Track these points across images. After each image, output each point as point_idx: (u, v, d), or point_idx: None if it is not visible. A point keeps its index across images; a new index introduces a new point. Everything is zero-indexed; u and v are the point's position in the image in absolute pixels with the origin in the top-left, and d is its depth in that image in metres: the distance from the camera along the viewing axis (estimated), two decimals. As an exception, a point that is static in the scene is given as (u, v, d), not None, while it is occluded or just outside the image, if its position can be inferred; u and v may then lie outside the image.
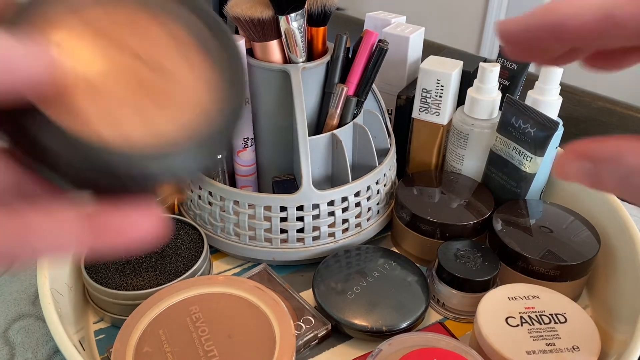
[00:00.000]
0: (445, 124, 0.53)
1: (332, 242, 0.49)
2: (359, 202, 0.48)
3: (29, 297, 0.48)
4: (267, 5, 0.43)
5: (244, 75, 0.20)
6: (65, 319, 0.40)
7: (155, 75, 0.18)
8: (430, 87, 0.52)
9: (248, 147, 0.49)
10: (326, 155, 0.48)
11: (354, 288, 0.44)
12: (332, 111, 0.47)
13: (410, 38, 0.54)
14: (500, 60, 0.54)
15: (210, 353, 0.36)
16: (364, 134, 0.49)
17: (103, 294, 0.42)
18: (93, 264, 0.44)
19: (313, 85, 0.47)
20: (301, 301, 0.44)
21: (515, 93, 0.54)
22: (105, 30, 0.18)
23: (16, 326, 0.45)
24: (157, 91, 0.18)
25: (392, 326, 0.41)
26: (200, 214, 0.50)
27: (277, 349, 0.36)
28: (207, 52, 0.20)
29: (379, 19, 0.58)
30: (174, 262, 0.45)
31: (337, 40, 0.46)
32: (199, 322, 0.38)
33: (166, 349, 0.36)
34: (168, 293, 0.40)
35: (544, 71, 0.49)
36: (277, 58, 0.45)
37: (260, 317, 0.38)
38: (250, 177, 0.51)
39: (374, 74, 0.47)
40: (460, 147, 0.53)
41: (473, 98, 0.51)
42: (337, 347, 0.43)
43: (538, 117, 0.47)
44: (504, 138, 0.49)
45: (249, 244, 0.48)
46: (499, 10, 1.76)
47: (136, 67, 0.18)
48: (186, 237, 0.47)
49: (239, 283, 0.41)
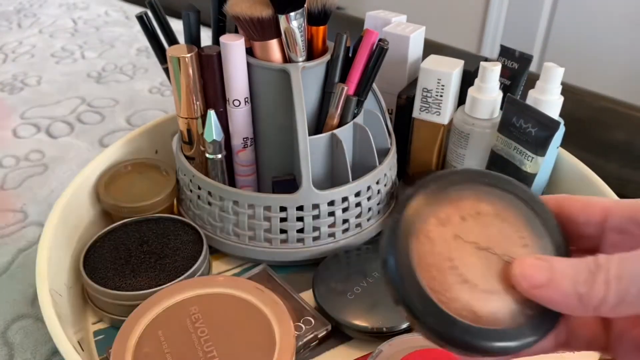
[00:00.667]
0: (445, 124, 0.53)
1: (332, 242, 0.49)
2: (359, 202, 0.48)
3: (28, 298, 0.48)
4: (267, 4, 0.43)
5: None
6: (64, 319, 0.39)
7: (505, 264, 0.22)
8: (430, 87, 0.51)
9: (248, 147, 0.49)
10: (326, 155, 0.48)
11: (354, 288, 0.44)
12: (332, 111, 0.47)
13: (410, 37, 0.54)
14: (501, 60, 0.53)
15: (210, 354, 0.36)
16: (364, 133, 0.49)
17: (102, 295, 0.42)
18: (92, 265, 0.44)
19: (313, 84, 0.47)
20: (301, 302, 0.44)
21: (516, 92, 0.53)
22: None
23: (15, 327, 0.45)
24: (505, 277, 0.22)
25: (393, 327, 0.41)
26: (199, 214, 0.50)
27: (277, 350, 0.36)
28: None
29: (379, 18, 0.57)
30: (173, 262, 0.45)
31: (337, 39, 0.46)
32: (199, 322, 0.38)
33: (165, 350, 0.36)
34: (167, 293, 0.39)
35: (545, 70, 0.48)
36: (277, 57, 0.45)
37: (260, 318, 0.38)
38: (250, 177, 0.51)
39: (374, 74, 0.47)
40: (460, 147, 0.53)
41: (474, 97, 0.50)
42: (337, 347, 0.43)
43: (539, 117, 0.46)
44: (505, 138, 0.49)
45: (248, 244, 0.48)
46: (499, 10, 1.75)
47: (492, 257, 0.22)
48: (185, 237, 0.47)
49: (238, 283, 0.40)
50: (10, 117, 0.77)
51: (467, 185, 0.23)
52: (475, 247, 0.22)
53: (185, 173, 0.50)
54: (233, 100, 0.47)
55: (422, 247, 0.22)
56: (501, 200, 0.23)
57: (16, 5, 1.20)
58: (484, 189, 0.24)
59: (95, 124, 0.76)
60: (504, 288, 0.22)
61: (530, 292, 0.21)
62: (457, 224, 0.22)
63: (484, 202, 0.23)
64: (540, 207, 0.24)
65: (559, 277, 0.21)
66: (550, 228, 0.23)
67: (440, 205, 0.23)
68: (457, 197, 0.23)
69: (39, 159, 0.67)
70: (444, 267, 0.21)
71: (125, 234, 0.47)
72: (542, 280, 0.21)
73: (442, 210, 0.23)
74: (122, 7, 1.22)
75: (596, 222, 0.23)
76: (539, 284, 0.21)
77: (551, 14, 1.67)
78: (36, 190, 0.62)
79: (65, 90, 0.84)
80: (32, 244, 0.54)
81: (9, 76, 0.88)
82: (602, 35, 1.57)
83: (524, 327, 0.21)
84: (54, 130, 0.74)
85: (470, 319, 0.21)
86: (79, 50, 0.99)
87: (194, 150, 0.50)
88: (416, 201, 0.23)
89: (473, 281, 0.21)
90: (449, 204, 0.23)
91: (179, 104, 0.48)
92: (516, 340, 0.21)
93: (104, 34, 1.07)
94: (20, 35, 1.05)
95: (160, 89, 0.85)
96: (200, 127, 0.49)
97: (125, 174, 0.53)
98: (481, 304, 0.21)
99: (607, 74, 1.55)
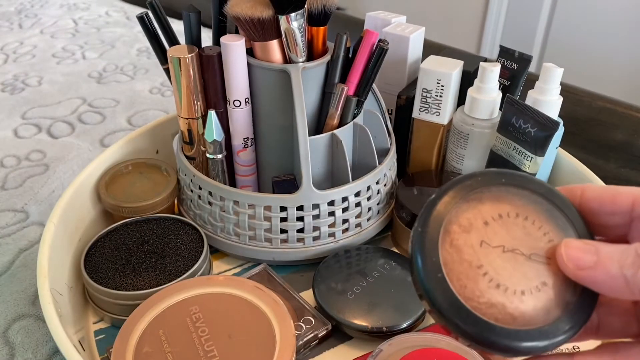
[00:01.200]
0: (445, 124, 0.53)
1: (332, 242, 0.49)
2: (359, 202, 0.48)
3: (29, 297, 0.48)
4: (267, 4, 0.43)
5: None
6: (65, 319, 0.40)
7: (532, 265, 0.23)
8: (430, 87, 0.52)
9: (248, 147, 0.49)
10: (326, 155, 0.48)
11: (354, 288, 0.44)
12: (332, 111, 0.47)
13: (410, 38, 0.54)
14: (501, 60, 0.54)
15: (210, 353, 0.36)
16: (364, 134, 0.49)
17: (103, 294, 0.42)
18: (93, 264, 0.45)
19: (313, 85, 0.47)
20: (301, 301, 0.44)
21: (515, 93, 0.53)
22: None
23: (16, 326, 0.45)
24: (530, 280, 0.22)
25: (393, 326, 0.41)
26: (200, 214, 0.50)
27: (277, 349, 0.36)
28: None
29: (379, 18, 0.58)
30: (174, 262, 0.45)
31: (337, 40, 0.46)
32: (199, 322, 0.38)
33: (166, 349, 0.36)
34: (168, 293, 0.40)
35: (544, 71, 0.48)
36: (277, 58, 0.45)
37: (260, 317, 0.38)
38: (250, 177, 0.51)
39: (374, 74, 0.47)
40: (460, 147, 0.53)
41: (473, 98, 0.50)
42: (337, 347, 0.43)
43: (538, 117, 0.47)
44: (504, 138, 0.49)
45: (249, 244, 0.48)
46: (499, 11, 1.76)
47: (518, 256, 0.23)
48: (186, 237, 0.47)
49: (239, 283, 0.40)
50: (11, 117, 0.77)
51: (485, 188, 0.24)
52: (502, 250, 0.23)
53: (186, 173, 0.50)
54: (233, 100, 0.47)
55: (450, 257, 0.22)
56: (520, 198, 0.24)
57: (17, 6, 1.20)
58: (502, 189, 0.24)
59: (96, 124, 0.76)
60: (536, 287, 0.22)
61: (576, 273, 0.21)
62: (481, 229, 0.23)
63: (504, 203, 0.24)
64: (560, 199, 0.24)
65: (605, 259, 0.21)
66: (572, 220, 0.24)
67: (461, 211, 0.23)
68: (476, 201, 0.23)
69: (40, 159, 0.68)
70: (474, 274, 0.22)
71: (126, 233, 0.48)
72: (589, 262, 0.21)
73: (464, 217, 0.23)
74: (123, 7, 1.22)
75: (624, 212, 0.23)
76: (586, 265, 0.21)
77: (550, 15, 1.67)
78: (37, 190, 0.62)
79: (66, 91, 0.85)
80: (33, 244, 0.54)
81: (10, 76, 0.89)
82: (601, 35, 1.57)
83: (560, 321, 0.22)
84: (55, 130, 0.74)
85: (507, 322, 0.21)
86: (80, 50, 0.99)
87: (194, 150, 0.50)
88: (437, 211, 0.23)
89: (505, 284, 0.22)
90: (469, 210, 0.23)
91: (180, 104, 0.48)
92: (556, 336, 0.21)
93: (104, 34, 1.07)
94: (21, 36, 1.05)
95: (161, 89, 0.85)
96: (200, 127, 0.49)
97: (126, 174, 0.54)
98: (516, 306, 0.22)
99: (606, 74, 1.55)
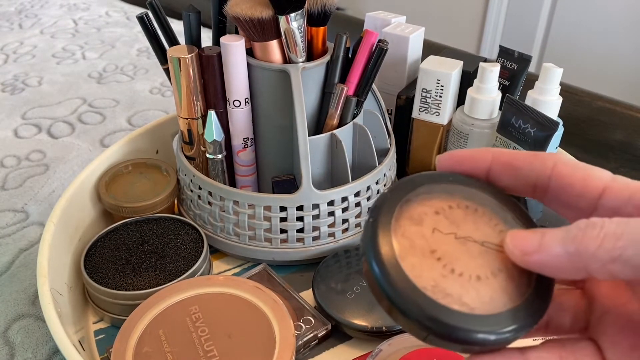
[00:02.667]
0: (445, 124, 0.53)
1: (332, 242, 0.49)
2: (359, 202, 0.48)
3: (29, 297, 0.48)
4: (267, 5, 0.43)
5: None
6: (65, 319, 0.40)
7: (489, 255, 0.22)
8: (430, 87, 0.52)
9: (248, 147, 0.49)
10: (326, 155, 0.48)
11: (354, 288, 0.44)
12: (332, 111, 0.47)
13: (410, 38, 0.54)
14: (500, 60, 0.54)
15: (210, 353, 0.36)
16: (364, 134, 0.49)
17: (103, 294, 0.42)
18: (93, 264, 0.45)
19: (313, 85, 0.47)
20: (301, 301, 0.44)
21: (515, 93, 0.53)
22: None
23: (16, 326, 0.45)
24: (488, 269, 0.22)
25: (392, 326, 0.41)
26: (200, 214, 0.50)
27: (277, 349, 0.36)
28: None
29: (379, 18, 0.58)
30: (173, 262, 0.45)
31: (337, 40, 0.46)
32: (199, 322, 0.38)
33: (166, 349, 0.36)
34: (168, 293, 0.40)
35: (543, 71, 0.49)
36: (277, 58, 0.45)
37: (260, 317, 0.38)
38: (250, 177, 0.51)
39: (374, 74, 0.47)
40: (460, 147, 0.53)
41: (473, 98, 0.51)
42: (337, 347, 0.43)
43: (538, 117, 0.47)
44: (504, 138, 0.49)
45: (248, 244, 0.48)
46: (498, 11, 1.76)
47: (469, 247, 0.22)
48: (186, 237, 0.47)
49: (238, 283, 0.41)
50: (11, 117, 0.77)
51: (434, 185, 0.24)
52: (454, 237, 0.22)
53: (186, 173, 0.50)
54: (233, 100, 0.47)
55: (402, 246, 0.22)
56: (468, 195, 0.24)
57: (17, 6, 1.21)
58: (450, 187, 0.24)
59: (96, 124, 0.76)
60: (492, 273, 0.22)
61: (523, 259, 0.21)
62: (433, 219, 0.23)
63: (454, 197, 0.24)
64: (506, 198, 0.24)
65: (549, 239, 0.20)
66: (520, 217, 0.24)
67: (411, 206, 0.23)
68: (426, 197, 0.23)
69: (40, 159, 0.68)
70: (428, 260, 0.22)
71: (126, 233, 0.48)
72: (533, 246, 0.21)
73: (414, 211, 0.23)
74: (123, 7, 1.22)
75: (592, 197, 0.22)
76: (532, 249, 0.21)
77: (550, 15, 1.67)
78: (37, 190, 0.62)
79: (66, 91, 0.85)
80: (33, 244, 0.54)
81: (10, 76, 0.89)
82: (601, 35, 1.57)
83: (519, 309, 0.21)
84: (55, 130, 0.74)
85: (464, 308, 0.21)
86: (80, 50, 0.99)
87: (194, 150, 0.50)
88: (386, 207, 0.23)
89: (460, 269, 0.21)
90: (419, 204, 0.23)
91: (180, 105, 0.48)
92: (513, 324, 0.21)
93: (104, 34, 1.07)
94: (22, 36, 1.05)
95: (161, 89, 0.85)
96: (200, 127, 0.49)
97: (126, 174, 0.54)
98: (472, 291, 0.21)
99: (606, 74, 1.55)
